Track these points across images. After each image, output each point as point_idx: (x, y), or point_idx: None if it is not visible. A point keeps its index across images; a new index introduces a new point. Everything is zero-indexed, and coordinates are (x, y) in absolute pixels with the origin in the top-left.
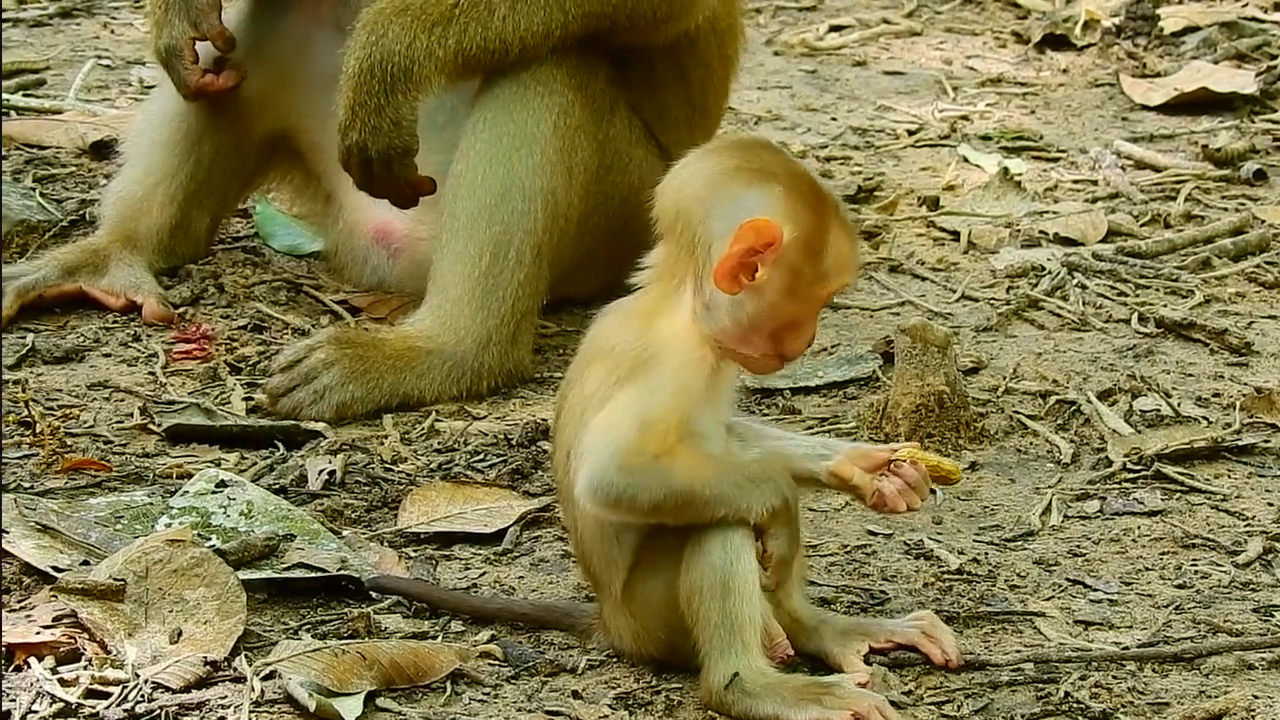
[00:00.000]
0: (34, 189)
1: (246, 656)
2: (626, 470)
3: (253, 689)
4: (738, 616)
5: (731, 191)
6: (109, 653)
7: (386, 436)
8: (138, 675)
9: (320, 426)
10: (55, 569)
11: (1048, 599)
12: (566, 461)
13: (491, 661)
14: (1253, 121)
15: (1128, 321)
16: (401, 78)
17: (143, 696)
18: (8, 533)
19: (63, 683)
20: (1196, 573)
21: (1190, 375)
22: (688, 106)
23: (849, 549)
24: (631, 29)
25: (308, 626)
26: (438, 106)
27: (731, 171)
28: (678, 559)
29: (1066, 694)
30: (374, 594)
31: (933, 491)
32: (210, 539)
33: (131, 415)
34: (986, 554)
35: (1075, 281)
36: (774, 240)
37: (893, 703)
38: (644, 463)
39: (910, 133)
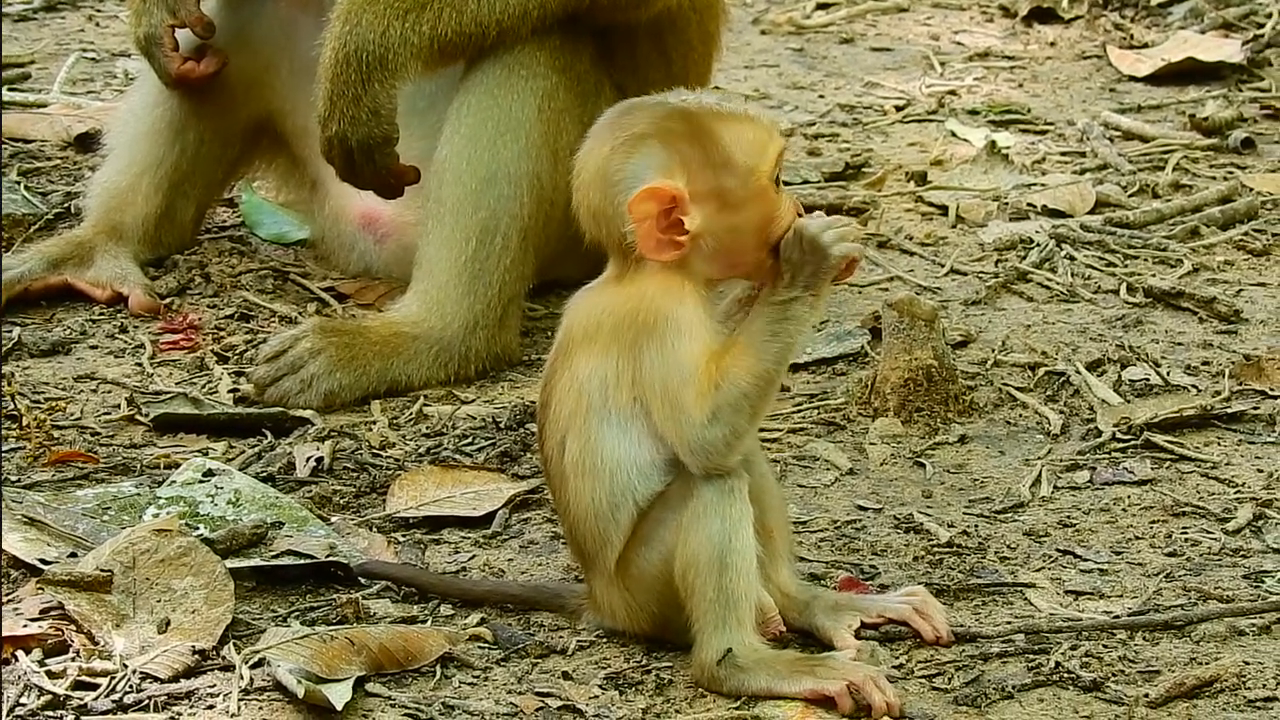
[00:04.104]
0: (19, 182)
1: (235, 645)
2: (712, 419)
3: (241, 677)
4: (734, 592)
5: (618, 176)
6: (97, 644)
7: (374, 422)
8: (126, 666)
9: (308, 413)
10: (43, 561)
11: (1038, 570)
12: (560, 447)
13: (481, 644)
14: (1240, 90)
15: (1116, 292)
16: (377, 66)
17: (131, 687)
18: None
19: (51, 675)
20: (1186, 540)
21: (1179, 344)
22: (670, 85)
23: (838, 524)
24: (612, 7)
25: (296, 613)
26: (418, 92)
27: (608, 157)
28: (674, 532)
29: (1057, 664)
30: (363, 579)
31: (921, 465)
32: (198, 528)
33: (119, 406)
34: (976, 526)
35: (1064, 253)
36: (672, 195)
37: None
38: (716, 401)
39: (898, 108)
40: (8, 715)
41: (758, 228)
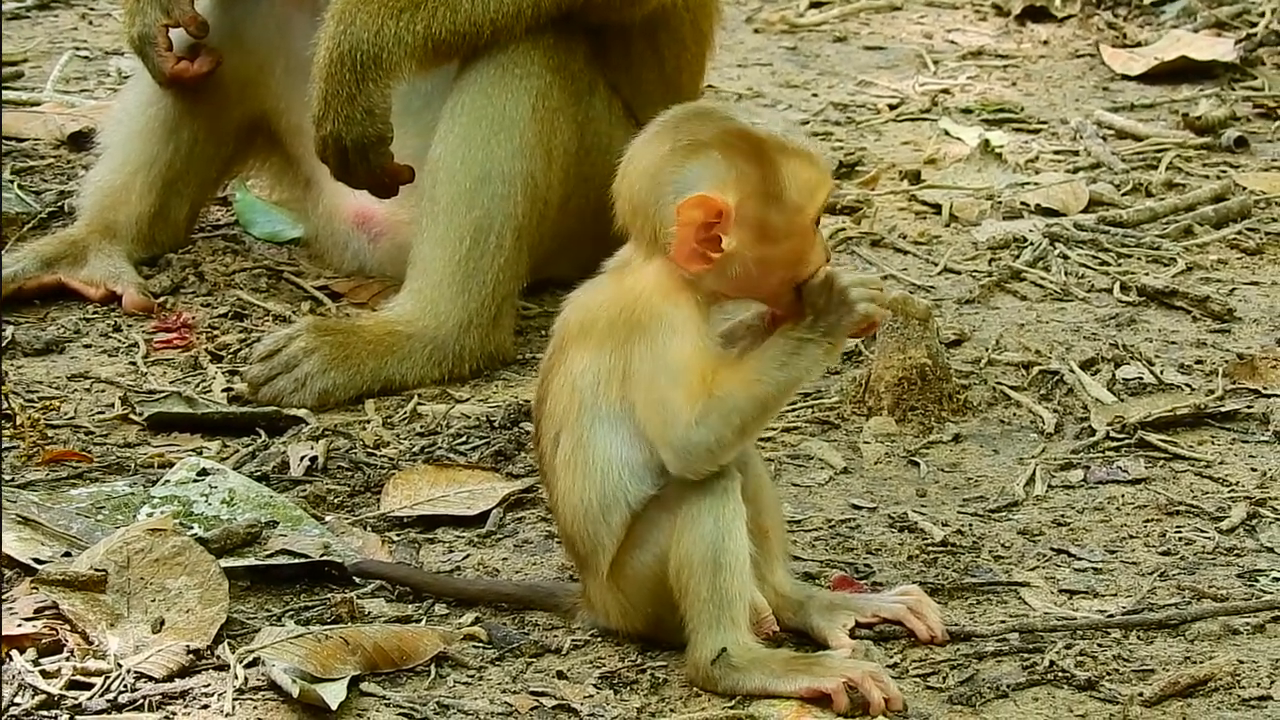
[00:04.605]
0: (12, 181)
1: (229, 644)
2: (699, 423)
3: (236, 676)
4: (727, 591)
5: (672, 176)
6: (91, 644)
7: (368, 421)
8: (120, 665)
9: (302, 412)
10: (37, 561)
11: (1032, 569)
12: (554, 444)
13: (476, 644)
14: (1233, 89)
15: (1110, 291)
16: (371, 65)
17: (125, 687)
18: None
19: (45, 674)
20: (1180, 539)
21: (1173, 343)
22: (663, 84)
23: (833, 523)
24: (606, 6)
25: (291, 613)
26: (412, 91)
27: (667, 155)
28: (668, 533)
29: (1052, 663)
30: (357, 579)
31: (915, 464)
32: (192, 527)
33: (112, 405)
34: (971, 525)
35: (1057, 252)
36: (720, 210)
37: None
38: (707, 406)
39: (891, 107)
40: (3, 715)
41: (787, 264)
